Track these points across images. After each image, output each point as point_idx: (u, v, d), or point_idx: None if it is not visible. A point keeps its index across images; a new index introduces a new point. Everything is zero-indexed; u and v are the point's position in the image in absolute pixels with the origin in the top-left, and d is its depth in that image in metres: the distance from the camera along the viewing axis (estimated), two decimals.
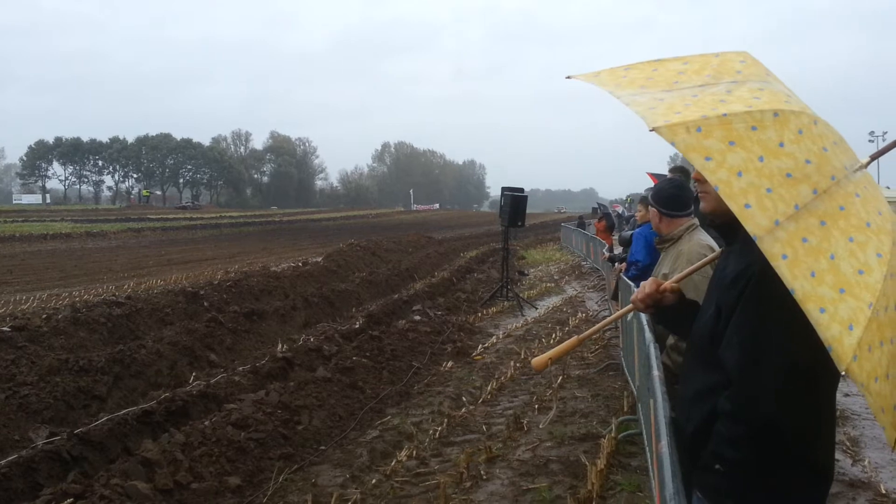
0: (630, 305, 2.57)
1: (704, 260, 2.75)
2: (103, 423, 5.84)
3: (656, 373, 3.25)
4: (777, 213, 1.72)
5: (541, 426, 6.51)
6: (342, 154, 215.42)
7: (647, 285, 2.46)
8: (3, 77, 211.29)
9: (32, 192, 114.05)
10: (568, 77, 2.28)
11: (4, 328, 8.80)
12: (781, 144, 1.81)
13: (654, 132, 1.82)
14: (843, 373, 1.65)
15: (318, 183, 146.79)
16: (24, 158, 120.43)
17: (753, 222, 1.71)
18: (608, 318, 2.89)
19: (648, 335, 4.23)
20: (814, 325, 1.66)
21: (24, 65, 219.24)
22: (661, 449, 2.25)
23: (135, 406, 6.55)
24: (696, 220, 4.45)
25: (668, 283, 2.46)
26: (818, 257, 1.71)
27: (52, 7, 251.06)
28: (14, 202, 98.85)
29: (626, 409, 6.68)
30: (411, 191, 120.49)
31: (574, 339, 2.65)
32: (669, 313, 2.49)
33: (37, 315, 10.40)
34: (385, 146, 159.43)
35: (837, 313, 1.66)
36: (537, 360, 2.59)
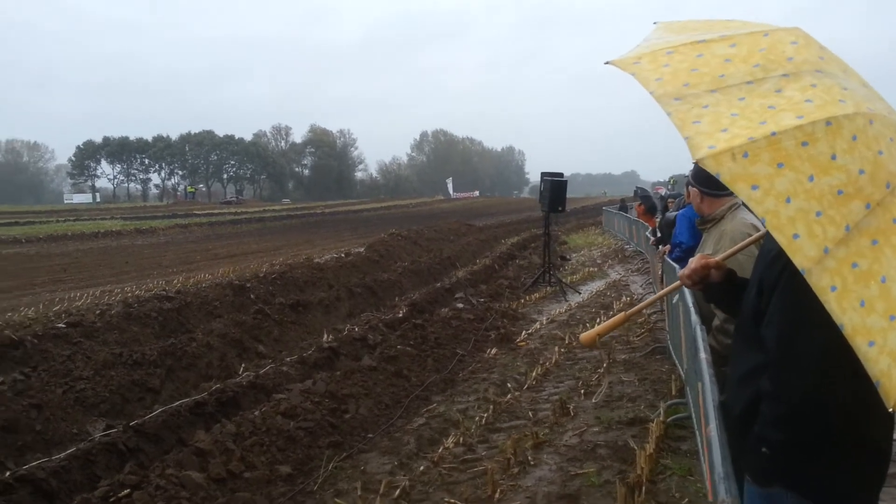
0: (677, 282, 2.54)
1: (750, 238, 2.70)
2: (157, 415, 6.00)
3: (703, 355, 3.20)
4: (826, 240, 1.65)
5: (594, 399, 6.54)
6: (381, 145, 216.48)
7: (694, 261, 2.44)
8: (50, 81, 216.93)
9: (83, 192, 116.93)
10: (607, 63, 2.19)
11: (60, 325, 9.08)
12: (834, 157, 1.72)
13: (699, 164, 1.75)
14: (890, 409, 1.60)
15: (358, 174, 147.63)
16: (73, 159, 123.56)
17: (801, 255, 1.64)
18: (656, 295, 2.87)
19: (694, 317, 4.17)
20: (862, 360, 1.60)
21: (70, 69, 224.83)
22: (710, 432, 2.22)
23: (187, 398, 6.71)
24: (738, 199, 4.35)
25: (714, 260, 2.43)
26: (868, 282, 1.64)
27: (95, 11, 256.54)
28: (65, 202, 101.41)
29: (674, 392, 6.61)
30: (449, 179, 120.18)
31: (621, 314, 2.64)
32: (718, 291, 2.46)
33: (91, 311, 10.69)
34: (423, 135, 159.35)
35: (887, 344, 1.60)
36: (586, 336, 2.59)
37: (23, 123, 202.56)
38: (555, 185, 14.02)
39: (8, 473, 4.74)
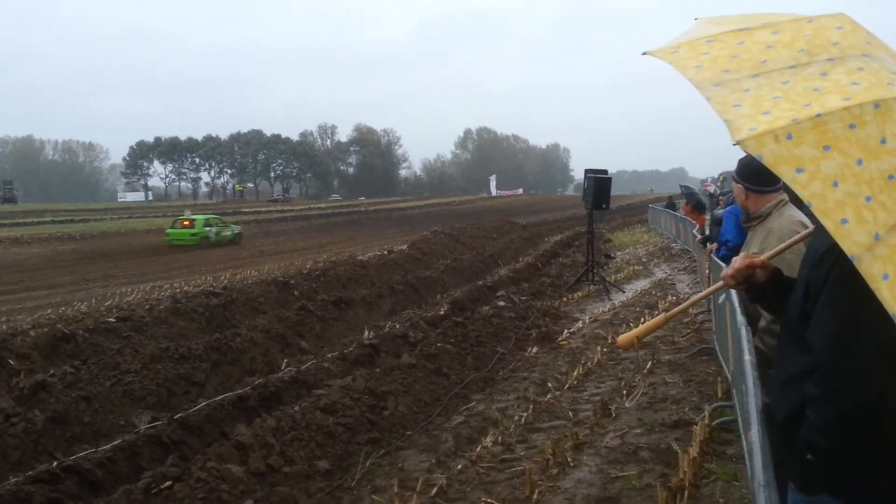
0: (720, 282, 2.46)
1: (798, 236, 2.60)
2: (201, 409, 6.10)
3: (747, 357, 3.10)
4: (877, 226, 1.56)
5: (628, 402, 6.48)
6: (425, 143, 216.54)
7: (737, 260, 2.35)
8: (107, 82, 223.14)
9: (136, 190, 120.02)
10: (644, 53, 2.14)
11: (110, 319, 9.31)
12: (884, 140, 1.63)
13: (738, 146, 1.66)
14: None
15: (402, 172, 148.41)
16: (127, 158, 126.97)
17: (850, 240, 1.56)
18: (697, 296, 2.79)
19: (740, 317, 4.05)
20: None
21: (126, 71, 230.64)
22: (752, 437, 2.14)
23: (231, 392, 6.81)
24: (785, 196, 4.21)
25: (759, 259, 2.34)
26: None
27: (152, 17, 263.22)
28: (119, 200, 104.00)
29: (720, 394, 6.45)
30: (492, 177, 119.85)
31: (661, 316, 2.57)
32: (763, 291, 2.37)
33: (140, 306, 10.97)
34: (467, 132, 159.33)
35: None
36: (623, 338, 2.52)
37: (79, 124, 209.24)
38: (599, 183, 13.85)
39: (55, 463, 4.87)
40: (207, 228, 28.00)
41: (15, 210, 61.01)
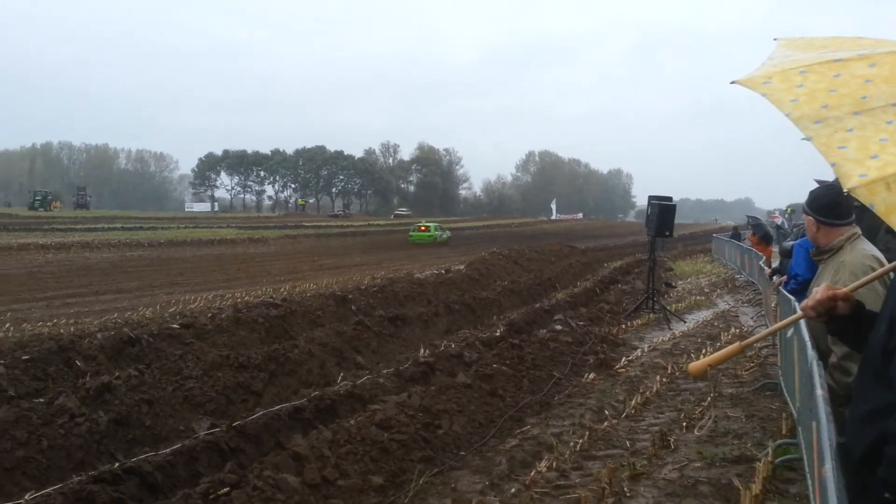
0: (799, 313, 2.39)
1: (881, 270, 2.52)
2: (258, 418, 6.19)
3: (819, 392, 2.99)
4: None
5: (697, 431, 6.35)
6: (486, 164, 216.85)
7: (819, 291, 2.29)
8: (180, 96, 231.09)
9: (202, 201, 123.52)
10: (733, 82, 2.08)
11: (174, 325, 9.56)
12: None
13: (849, 193, 1.62)
14: None
15: (462, 192, 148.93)
16: (195, 169, 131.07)
17: None
18: (774, 326, 2.71)
19: (811, 353, 3.92)
20: None
21: (200, 86, 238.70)
22: (825, 473, 2.06)
23: (287, 402, 6.89)
24: (858, 229, 4.07)
25: (842, 291, 2.27)
26: None
27: (225, 35, 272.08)
28: (186, 210, 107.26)
29: (784, 431, 6.24)
30: (554, 200, 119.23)
31: (736, 345, 2.51)
32: (844, 324, 2.30)
33: (203, 314, 11.22)
34: (529, 155, 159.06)
35: None
36: (695, 366, 2.48)
37: (152, 136, 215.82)
38: (663, 210, 13.66)
39: (117, 465, 4.99)
40: (437, 232, 40.23)
41: (87, 216, 63.36)
